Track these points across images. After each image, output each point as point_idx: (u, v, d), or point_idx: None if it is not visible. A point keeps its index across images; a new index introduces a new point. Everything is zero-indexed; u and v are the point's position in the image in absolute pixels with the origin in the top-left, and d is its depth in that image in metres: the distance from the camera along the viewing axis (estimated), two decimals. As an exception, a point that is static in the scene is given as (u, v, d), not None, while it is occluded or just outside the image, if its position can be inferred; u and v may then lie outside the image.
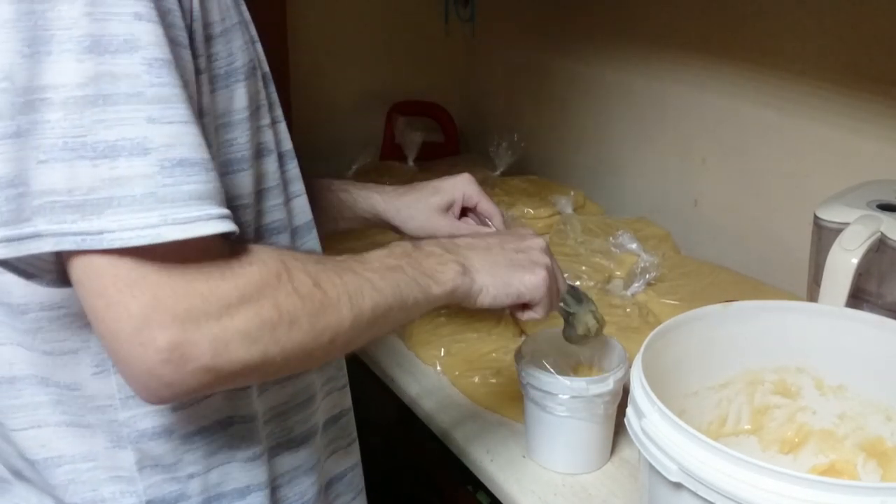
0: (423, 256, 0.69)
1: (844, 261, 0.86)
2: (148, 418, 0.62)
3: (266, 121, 0.66)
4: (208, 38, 0.58)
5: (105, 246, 0.49)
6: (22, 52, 0.49)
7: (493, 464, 0.92)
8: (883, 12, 1.05)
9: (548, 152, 1.73)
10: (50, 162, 0.48)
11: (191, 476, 0.64)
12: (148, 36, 0.50)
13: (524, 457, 0.92)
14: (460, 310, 1.18)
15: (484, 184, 1.59)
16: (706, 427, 0.81)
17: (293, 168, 0.71)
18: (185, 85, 0.53)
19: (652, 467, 0.64)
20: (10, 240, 0.49)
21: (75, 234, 0.49)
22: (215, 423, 0.65)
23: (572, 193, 1.50)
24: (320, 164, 1.16)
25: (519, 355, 0.89)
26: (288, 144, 0.70)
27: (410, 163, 1.70)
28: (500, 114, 1.88)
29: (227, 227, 0.52)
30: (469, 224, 0.93)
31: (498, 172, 1.64)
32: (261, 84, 0.65)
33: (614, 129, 1.57)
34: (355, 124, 1.81)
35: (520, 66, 1.79)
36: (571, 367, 0.91)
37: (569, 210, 1.46)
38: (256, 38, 0.66)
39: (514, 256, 0.74)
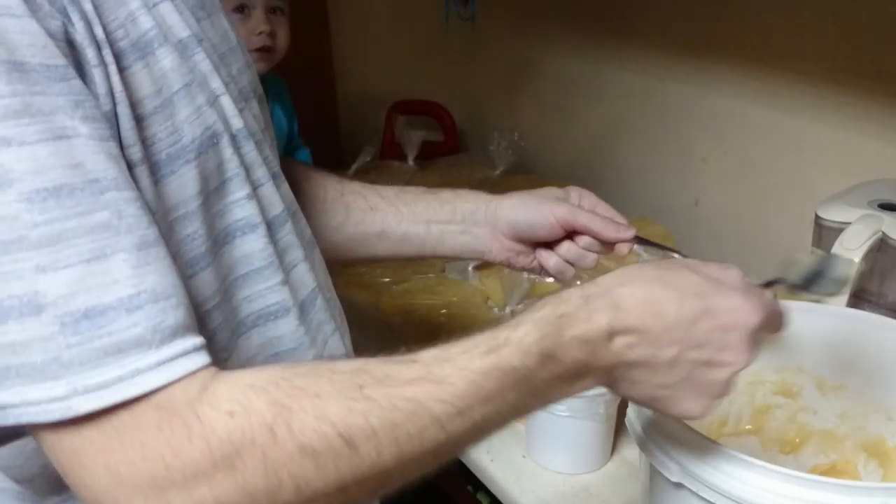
0: (546, 372, 0.50)
1: (845, 260, 0.86)
2: None
3: (241, 193, 0.55)
4: (139, 120, 0.48)
5: (10, 422, 0.41)
6: None
7: (493, 464, 0.92)
8: (884, 12, 1.05)
9: (548, 152, 1.73)
10: None
11: None
12: (22, 164, 0.40)
13: (524, 457, 0.92)
14: (460, 311, 1.18)
15: (484, 183, 1.60)
16: (707, 427, 0.81)
17: (286, 235, 0.60)
18: (103, 200, 0.43)
19: (653, 467, 0.63)
20: None
21: None
22: None
23: (573, 193, 1.49)
24: (320, 163, 1.16)
25: (519, 355, 0.89)
26: (279, 207, 0.60)
27: (410, 162, 1.70)
28: (501, 113, 1.88)
29: (172, 374, 0.42)
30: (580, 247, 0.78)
31: (498, 172, 1.64)
32: (228, 152, 0.54)
33: (615, 128, 1.56)
34: (355, 123, 1.81)
35: (520, 66, 1.79)
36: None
37: (569, 209, 1.46)
38: (223, 89, 0.55)
39: (694, 379, 0.53)
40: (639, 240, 0.79)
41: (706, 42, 1.33)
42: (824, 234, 0.93)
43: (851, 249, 0.86)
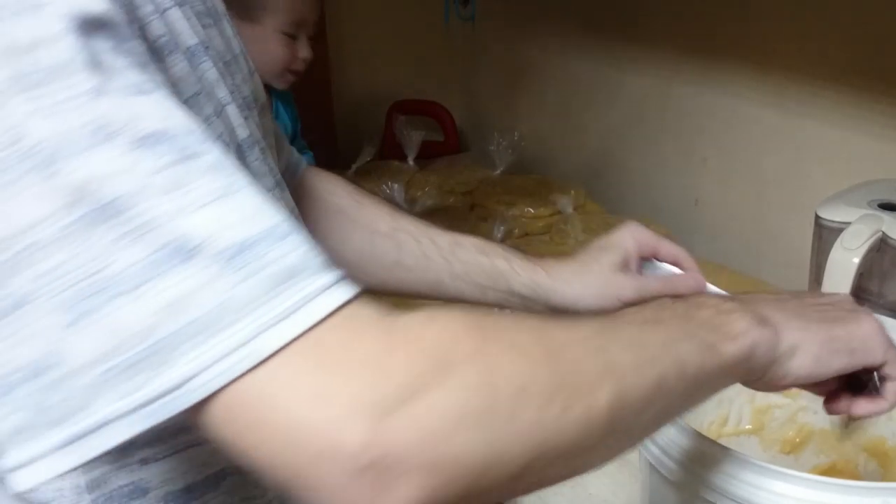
0: (692, 307, 0.49)
1: (846, 260, 0.86)
2: None
3: None
4: None
5: (196, 398, 0.36)
6: None
7: (494, 464, 0.92)
8: (884, 11, 1.05)
9: (548, 151, 1.73)
10: (79, 322, 0.36)
11: None
12: (122, 112, 0.38)
13: (524, 457, 0.92)
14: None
15: (484, 183, 1.60)
16: (707, 427, 0.81)
17: None
18: (206, 144, 0.39)
19: (652, 467, 0.63)
20: (68, 442, 0.36)
21: (151, 401, 0.36)
22: None
23: (573, 192, 1.49)
24: (320, 163, 1.16)
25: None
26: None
27: (410, 162, 1.70)
28: (501, 113, 1.88)
29: (346, 292, 0.38)
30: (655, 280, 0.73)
31: (498, 171, 1.64)
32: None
33: (615, 128, 1.56)
34: (355, 123, 1.81)
35: (520, 65, 1.79)
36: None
37: (569, 209, 1.46)
38: (228, 98, 0.53)
39: (821, 308, 0.54)
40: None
41: (707, 42, 1.33)
42: (824, 233, 0.93)
43: (851, 249, 0.86)
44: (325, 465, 0.35)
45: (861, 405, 0.57)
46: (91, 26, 0.38)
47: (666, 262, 0.75)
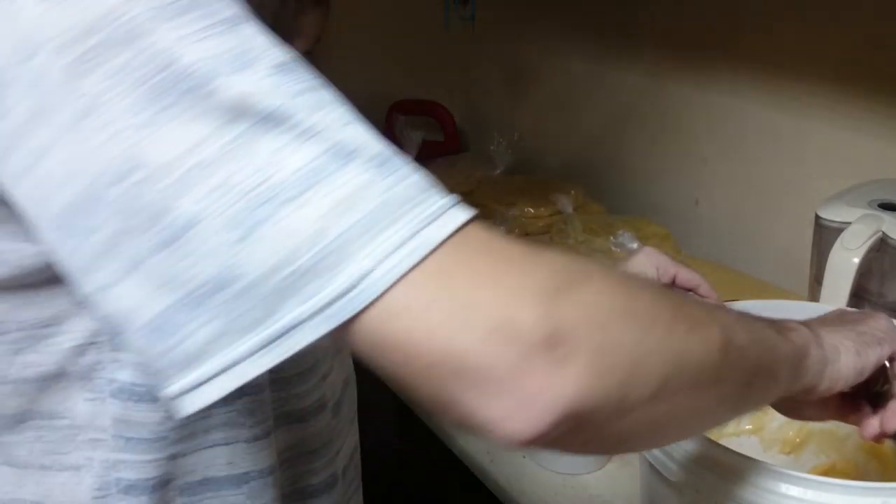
0: (749, 317, 0.50)
1: (846, 260, 0.86)
2: None
3: None
4: None
5: (379, 290, 0.36)
6: (133, 124, 0.37)
7: (493, 464, 0.92)
8: (884, 11, 1.05)
9: (548, 152, 1.73)
10: (250, 236, 0.37)
11: None
12: (257, 39, 0.40)
13: (524, 457, 0.92)
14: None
15: (484, 183, 1.60)
16: (707, 427, 0.81)
17: None
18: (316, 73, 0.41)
19: (652, 467, 0.63)
20: (262, 345, 0.37)
21: (332, 301, 0.37)
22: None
23: (573, 192, 1.49)
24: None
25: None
26: None
27: (410, 162, 1.70)
28: (501, 112, 1.88)
29: (471, 210, 0.40)
30: None
31: (498, 171, 1.64)
32: None
33: (615, 128, 1.56)
34: (355, 123, 1.81)
35: (520, 65, 1.79)
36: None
37: (569, 209, 1.46)
38: None
39: (832, 320, 0.58)
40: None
41: (707, 42, 1.33)
42: (824, 233, 0.93)
43: (852, 249, 0.86)
44: (499, 341, 0.36)
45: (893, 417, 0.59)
46: None
47: (683, 287, 0.74)
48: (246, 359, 0.38)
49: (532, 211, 1.47)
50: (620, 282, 0.41)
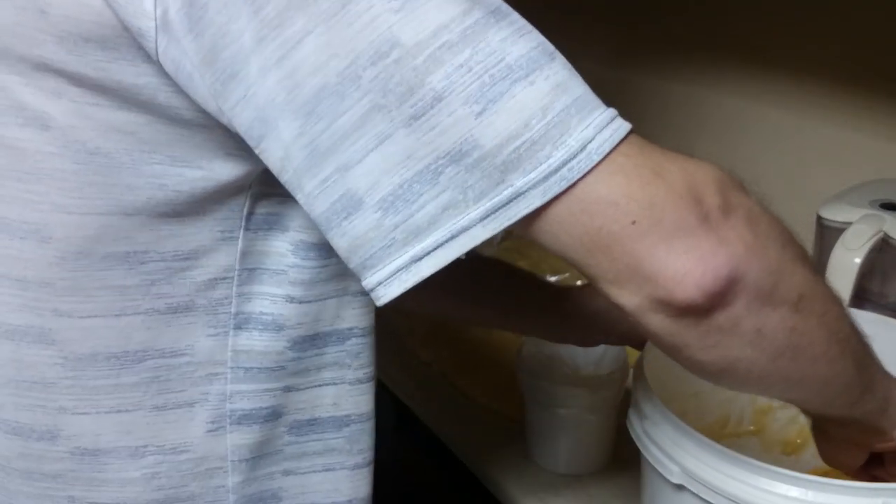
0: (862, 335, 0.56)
1: (847, 260, 0.86)
2: (256, 483, 0.58)
3: None
4: None
5: (598, 158, 0.42)
6: (392, 8, 0.41)
7: (493, 464, 0.92)
8: (885, 11, 1.05)
9: (548, 151, 1.73)
10: (488, 109, 0.42)
11: None
12: None
13: (525, 457, 0.92)
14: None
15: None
16: (708, 428, 0.80)
17: None
18: None
19: (653, 469, 0.63)
20: (490, 212, 0.42)
21: (560, 166, 0.42)
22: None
23: (573, 193, 1.49)
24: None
25: (520, 355, 0.89)
26: None
27: (411, 162, 1.70)
28: (501, 113, 1.88)
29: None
30: None
31: (498, 171, 1.64)
32: None
33: (615, 128, 1.56)
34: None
35: (520, 65, 1.79)
36: (573, 368, 0.91)
37: (569, 209, 1.46)
38: None
39: None
40: None
41: (707, 42, 1.33)
42: (826, 234, 0.93)
43: (853, 249, 0.86)
44: (691, 202, 0.43)
45: None
46: None
47: None
48: (473, 226, 0.42)
49: (532, 211, 1.47)
50: (766, 205, 0.49)
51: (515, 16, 0.44)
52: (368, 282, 0.44)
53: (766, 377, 0.50)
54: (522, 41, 0.43)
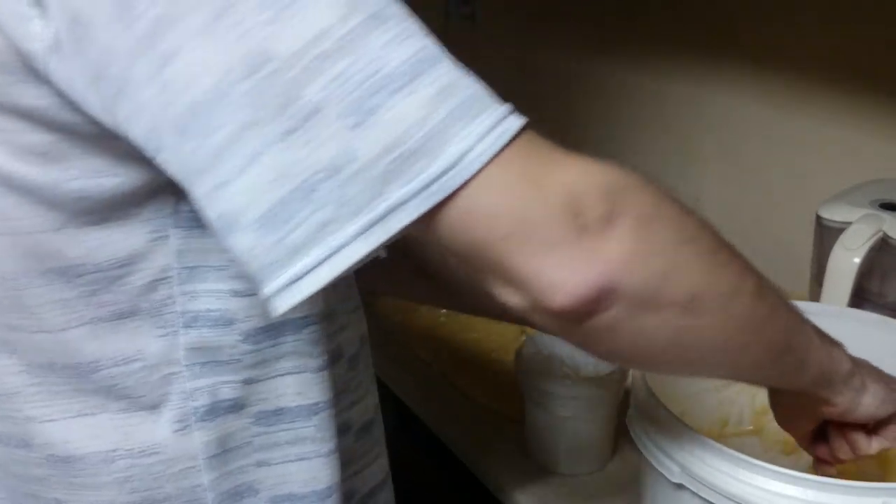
0: (794, 306, 0.57)
1: (846, 260, 0.86)
2: (231, 478, 0.58)
3: None
4: None
5: (475, 169, 0.41)
6: (266, 20, 0.40)
7: (493, 464, 0.92)
8: (885, 11, 1.05)
9: (548, 151, 1.72)
10: (365, 122, 0.40)
11: None
12: None
13: (525, 457, 0.92)
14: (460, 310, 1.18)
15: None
16: (708, 428, 0.80)
17: None
18: None
19: (653, 468, 0.63)
20: (369, 226, 0.41)
21: (436, 178, 0.41)
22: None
23: (573, 193, 1.49)
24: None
25: (520, 355, 0.89)
26: None
27: (411, 162, 1.70)
28: (501, 113, 1.87)
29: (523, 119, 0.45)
30: None
31: (498, 172, 1.64)
32: None
33: (615, 127, 1.56)
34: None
35: (520, 65, 1.79)
36: (573, 368, 0.91)
37: (569, 209, 1.46)
38: None
39: (887, 388, 0.62)
40: None
41: (707, 42, 1.33)
42: (825, 233, 0.93)
43: (852, 249, 0.86)
44: (567, 215, 0.42)
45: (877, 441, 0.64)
46: None
47: None
48: (351, 242, 0.41)
49: (532, 211, 1.47)
50: (674, 199, 0.47)
51: (399, 16, 0.42)
52: (262, 294, 0.43)
53: (663, 365, 0.52)
54: (405, 45, 0.41)
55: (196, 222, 0.52)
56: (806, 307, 0.80)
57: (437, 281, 0.77)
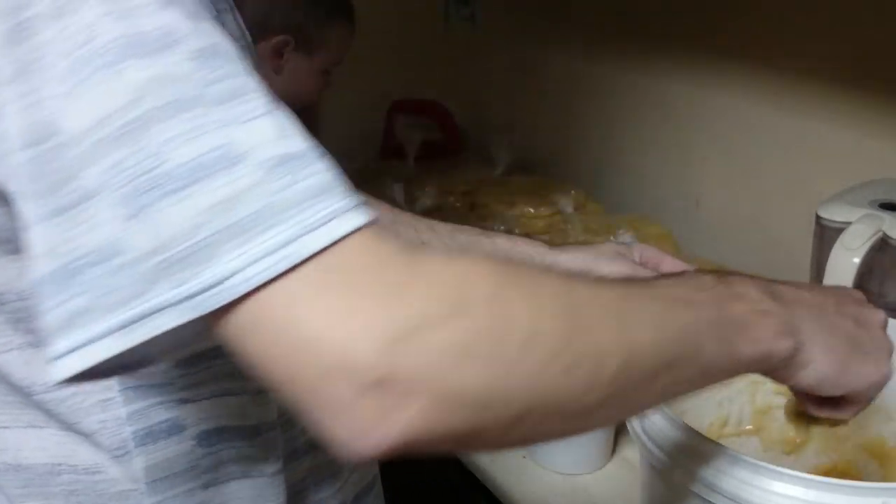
0: (730, 297, 0.49)
1: (846, 260, 0.86)
2: (177, 500, 0.57)
3: None
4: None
5: (239, 292, 0.37)
6: (61, 92, 0.39)
7: (494, 464, 0.92)
8: (885, 11, 1.05)
9: (548, 151, 1.73)
10: (137, 216, 0.38)
11: None
12: (183, 24, 0.40)
13: (524, 457, 0.92)
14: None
15: (484, 183, 1.60)
16: (708, 427, 0.80)
17: None
18: (245, 65, 0.41)
19: (653, 467, 0.63)
20: (127, 324, 0.38)
21: (197, 293, 0.38)
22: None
23: (573, 192, 1.49)
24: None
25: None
26: None
27: (410, 161, 1.70)
28: (501, 112, 1.88)
29: (370, 215, 0.40)
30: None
31: (498, 172, 1.64)
32: None
33: (615, 127, 1.56)
34: (355, 123, 1.80)
35: (520, 65, 1.79)
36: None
37: (569, 209, 1.46)
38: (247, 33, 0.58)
39: (855, 331, 0.55)
40: None
41: (707, 42, 1.33)
42: (825, 233, 0.93)
43: (852, 249, 0.86)
44: (334, 379, 0.37)
45: (827, 411, 0.59)
46: None
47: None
48: (106, 336, 0.38)
49: (532, 211, 1.47)
50: (506, 312, 0.39)
51: (206, 105, 0.39)
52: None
53: (549, 439, 0.47)
54: (193, 144, 0.38)
55: None
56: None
57: None
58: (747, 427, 0.83)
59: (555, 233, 1.41)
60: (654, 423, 0.64)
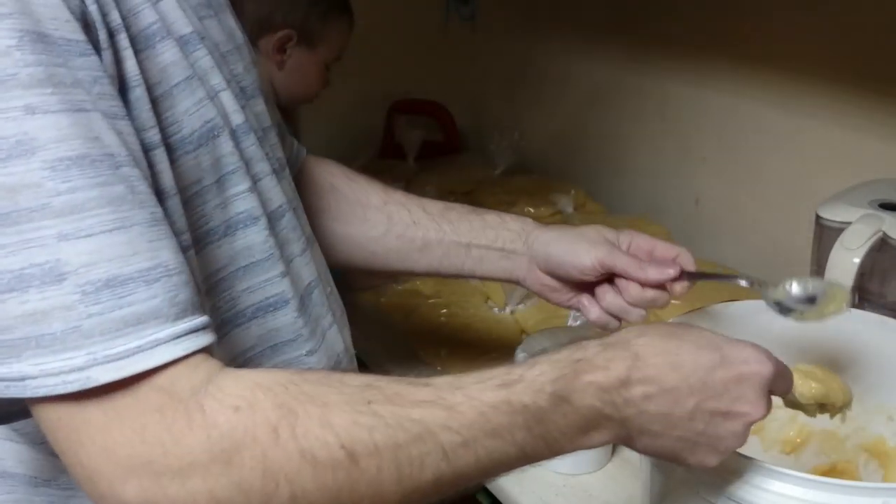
0: (559, 415, 0.49)
1: (846, 260, 0.86)
2: None
3: (243, 186, 0.57)
4: (154, 103, 0.49)
5: (28, 395, 0.41)
6: None
7: (494, 464, 0.92)
8: (885, 11, 1.05)
9: (548, 151, 1.73)
10: None
11: None
12: (46, 132, 0.41)
13: (524, 457, 0.92)
14: (461, 311, 1.18)
15: (484, 183, 1.60)
16: (707, 427, 0.80)
17: (285, 229, 0.61)
18: (119, 174, 0.43)
19: (653, 467, 0.63)
20: None
21: (3, 378, 0.41)
22: None
23: (573, 192, 1.49)
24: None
25: (520, 355, 0.89)
26: (278, 201, 0.61)
27: (410, 162, 1.70)
28: (501, 112, 1.88)
29: (186, 348, 0.43)
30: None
31: (498, 171, 1.64)
32: (229, 146, 0.55)
33: (615, 127, 1.56)
34: (355, 123, 1.80)
35: (520, 65, 1.79)
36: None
37: (569, 209, 1.46)
38: (223, 85, 0.57)
39: (711, 431, 0.53)
40: (690, 275, 0.73)
41: (706, 42, 1.33)
42: (825, 233, 0.93)
43: (852, 249, 0.86)
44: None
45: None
46: (42, 43, 0.42)
47: (663, 259, 0.76)
48: None
49: (532, 211, 1.47)
50: (274, 473, 0.42)
51: (48, 216, 0.41)
52: None
53: None
54: (19, 256, 0.41)
55: None
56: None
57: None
58: (747, 427, 0.83)
59: (555, 233, 1.41)
60: (654, 423, 0.64)
